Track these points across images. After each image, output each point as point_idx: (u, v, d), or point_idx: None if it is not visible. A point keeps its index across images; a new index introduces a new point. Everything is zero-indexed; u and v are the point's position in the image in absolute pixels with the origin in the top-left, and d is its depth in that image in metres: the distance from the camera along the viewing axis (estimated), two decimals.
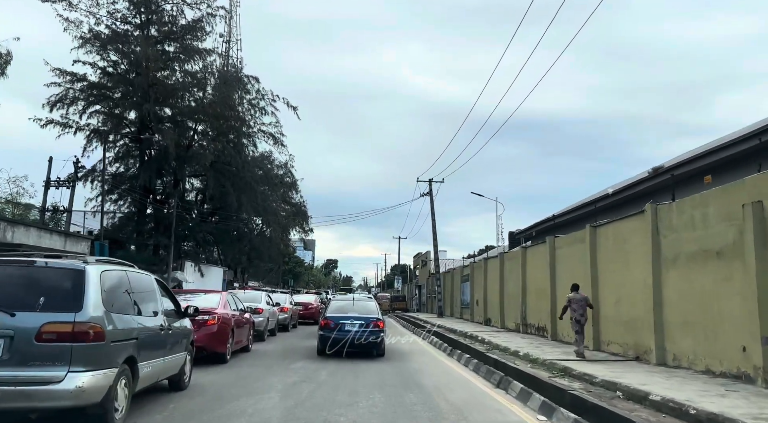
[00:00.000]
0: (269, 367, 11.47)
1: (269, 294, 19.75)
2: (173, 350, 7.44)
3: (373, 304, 16.25)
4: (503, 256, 23.80)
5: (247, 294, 18.17)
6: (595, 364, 11.77)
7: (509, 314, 22.68)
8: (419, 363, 13.26)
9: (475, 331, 21.51)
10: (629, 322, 12.82)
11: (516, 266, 21.55)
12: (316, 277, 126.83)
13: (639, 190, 16.07)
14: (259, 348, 15.33)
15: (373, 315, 14.92)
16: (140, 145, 34.09)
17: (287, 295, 24.67)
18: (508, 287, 22.98)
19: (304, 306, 28.30)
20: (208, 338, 10.91)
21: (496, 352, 15.01)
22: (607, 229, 14.23)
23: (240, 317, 13.07)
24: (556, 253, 17.63)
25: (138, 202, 34.80)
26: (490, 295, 25.83)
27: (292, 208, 54.57)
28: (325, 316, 14.97)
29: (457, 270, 35.38)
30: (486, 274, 26.65)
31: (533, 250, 19.86)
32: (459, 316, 33.43)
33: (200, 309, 11.09)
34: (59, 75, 31.50)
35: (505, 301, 23.36)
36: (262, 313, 16.92)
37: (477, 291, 28.54)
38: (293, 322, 25.30)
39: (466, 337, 19.82)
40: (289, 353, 14.60)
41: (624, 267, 13.21)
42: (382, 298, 55.32)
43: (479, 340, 18.21)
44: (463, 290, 32.58)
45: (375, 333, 14.32)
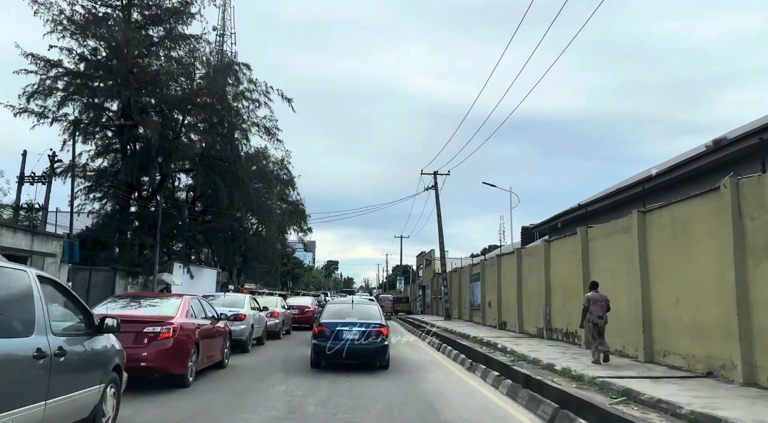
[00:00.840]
0: (243, 393, 8.88)
1: (255, 298, 17.16)
2: (74, 386, 4.88)
3: (375, 307, 13.73)
4: (521, 252, 21.20)
5: (228, 298, 15.59)
6: (660, 382, 9.18)
7: (529, 317, 20.08)
8: (435, 381, 10.66)
9: (491, 336, 18.93)
10: (697, 329, 10.22)
11: (537, 263, 18.96)
12: (316, 278, 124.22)
13: (692, 168, 13.47)
14: (238, 362, 12.74)
15: (375, 320, 12.46)
16: (121, 137, 31.51)
17: (278, 298, 22.08)
18: (527, 286, 20.39)
19: (299, 309, 25.71)
20: (160, 356, 8.34)
21: (524, 364, 12.46)
22: (660, 214, 11.64)
23: (210, 327, 10.49)
24: (589, 246, 15.04)
25: (121, 198, 32.20)
26: (505, 296, 23.24)
27: (289, 206, 51.97)
28: (319, 322, 12.54)
29: (466, 269, 32.75)
30: (500, 272, 24.05)
31: (559, 243, 17.27)
32: (468, 318, 30.81)
33: (152, 318, 8.54)
34: (33, 61, 28.95)
35: (523, 302, 20.77)
36: (244, 320, 14.36)
37: (489, 291, 25.95)
38: (286, 327, 22.75)
39: (482, 345, 17.23)
40: (274, 369, 12.02)
41: (686, 260, 10.63)
42: (384, 299, 52.66)
43: (500, 349, 15.62)
44: (473, 291, 29.97)
45: (378, 341, 11.97)
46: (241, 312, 14.40)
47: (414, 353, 16.19)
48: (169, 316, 8.88)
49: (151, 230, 33.15)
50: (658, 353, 11.57)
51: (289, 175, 50.34)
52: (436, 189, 33.36)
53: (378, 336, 12.03)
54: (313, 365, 12.32)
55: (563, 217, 21.28)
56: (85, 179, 33.51)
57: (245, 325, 14.39)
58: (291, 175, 50.33)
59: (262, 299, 21.76)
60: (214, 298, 15.94)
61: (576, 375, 10.23)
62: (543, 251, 18.17)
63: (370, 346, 11.93)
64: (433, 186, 33.57)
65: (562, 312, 16.70)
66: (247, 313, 14.68)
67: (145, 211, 34.00)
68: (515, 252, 21.44)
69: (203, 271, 43.15)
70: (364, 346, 11.91)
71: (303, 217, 52.60)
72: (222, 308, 14.36)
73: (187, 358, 8.94)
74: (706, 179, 12.56)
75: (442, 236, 33.55)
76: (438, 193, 33.23)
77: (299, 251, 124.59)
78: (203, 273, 42.67)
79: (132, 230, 34.36)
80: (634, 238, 12.30)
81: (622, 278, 13.18)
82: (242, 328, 14.27)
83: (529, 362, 12.90)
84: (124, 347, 8.27)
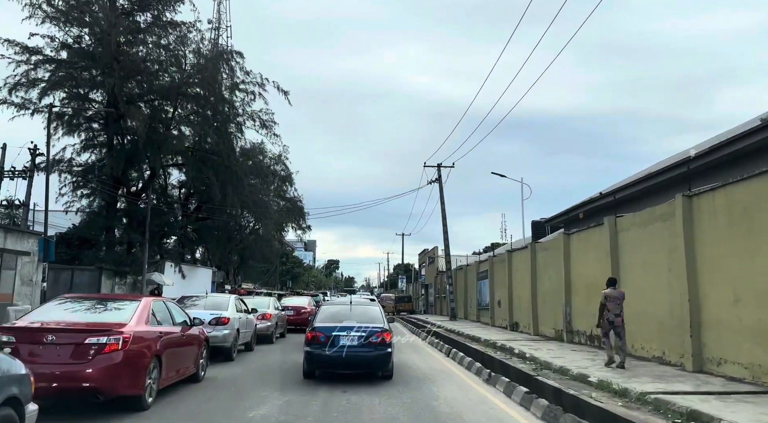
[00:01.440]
0: (210, 420, 7.13)
1: (242, 299, 15.41)
2: None
3: (377, 308, 12.01)
4: (535, 247, 19.43)
5: (211, 300, 13.83)
6: (729, 401, 7.43)
7: (545, 318, 18.33)
8: (450, 400, 8.89)
9: (504, 339, 17.17)
10: (764, 333, 8.47)
11: (555, 258, 17.21)
12: (316, 278, 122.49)
13: (739, 148, 11.69)
14: (218, 374, 11.00)
15: (376, 324, 10.80)
16: (107, 129, 29.78)
17: (271, 299, 20.33)
18: (543, 284, 18.63)
19: (295, 310, 23.96)
20: (106, 374, 6.60)
21: (550, 374, 10.72)
22: (712, 198, 9.87)
23: (179, 335, 8.75)
24: (619, 237, 13.28)
25: (107, 194, 30.47)
26: (517, 295, 21.49)
27: (287, 203, 50.15)
28: (313, 326, 10.86)
29: (472, 266, 30.97)
30: (511, 269, 22.29)
31: (582, 236, 15.50)
32: (476, 318, 29.05)
33: (98, 326, 6.82)
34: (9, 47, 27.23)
35: (538, 301, 19.01)
36: (228, 324, 12.62)
37: (499, 290, 24.19)
38: (280, 330, 21.02)
39: (496, 349, 15.48)
40: (259, 382, 10.28)
41: (748, 250, 8.88)
42: (386, 299, 50.90)
43: (517, 355, 13.87)
44: (480, 289, 28.21)
45: (380, 348, 10.35)
46: (224, 315, 12.65)
47: (420, 360, 14.44)
48: (120, 323, 7.12)
49: (140, 228, 31.45)
50: (710, 361, 9.81)
51: (286, 171, 48.58)
52: (440, 182, 31.61)
53: (380, 342, 10.38)
54: (305, 376, 10.63)
55: (581, 208, 19.49)
56: (71, 175, 31.84)
57: (229, 330, 12.65)
58: (289, 170, 48.59)
59: (253, 300, 20.05)
60: (198, 299, 14.21)
61: (619, 389, 8.48)
62: (562, 245, 16.41)
63: (371, 353, 10.28)
64: (437, 179, 31.80)
65: (585, 313, 14.91)
66: (231, 316, 12.94)
67: (134, 208, 32.31)
68: (529, 247, 19.68)
69: (197, 270, 41.40)
70: (364, 354, 10.27)
71: (301, 214, 50.82)
72: (202, 311, 12.67)
73: (143, 375, 7.19)
74: (751, 161, 10.84)
75: (446, 232, 31.80)
76: (442, 186, 31.51)
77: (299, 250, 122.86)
78: (197, 272, 40.92)
79: (120, 228, 32.66)
80: (678, 226, 10.54)
81: (660, 273, 11.43)
82: (225, 333, 12.53)
83: (554, 371, 11.15)
84: (61, 363, 6.60)
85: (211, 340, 12.24)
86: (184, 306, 12.96)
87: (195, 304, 13.45)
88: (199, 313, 12.74)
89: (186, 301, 13.43)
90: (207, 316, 12.50)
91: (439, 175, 31.66)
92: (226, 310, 13.01)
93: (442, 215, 31.65)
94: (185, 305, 13.08)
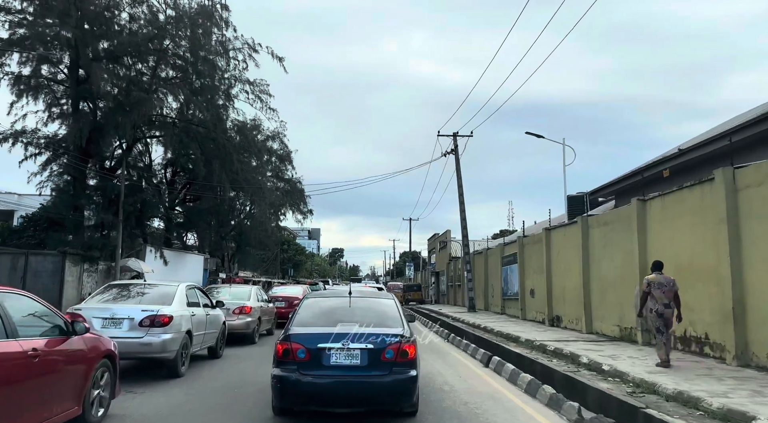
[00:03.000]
0: None
1: (200, 288, 11.30)
2: None
3: (391, 302, 7.66)
4: (587, 221, 15.25)
5: (150, 290, 9.64)
6: None
7: (604, 312, 14.22)
8: None
9: (552, 340, 13.11)
10: None
11: (621, 233, 13.07)
12: (320, 266, 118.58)
13: None
14: (141, 404, 6.98)
15: (392, 329, 6.60)
16: (71, 92, 25.66)
17: (254, 289, 16.28)
18: (599, 268, 14.51)
19: (287, 302, 19.90)
20: None
21: (666, 406, 6.75)
22: None
23: (26, 356, 4.64)
24: (739, 199, 9.12)
25: (73, 168, 26.43)
26: (558, 283, 17.39)
27: (285, 184, 45.91)
28: (287, 332, 6.60)
29: (495, 250, 26.79)
30: (549, 250, 18.15)
31: (670, 200, 11.29)
32: (499, 310, 24.96)
33: None
34: None
35: (592, 290, 14.91)
36: (169, 325, 8.56)
37: (532, 276, 20.08)
38: (267, 326, 17.07)
39: (549, 354, 11.44)
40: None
41: None
42: (394, 287, 46.79)
43: (586, 365, 9.81)
44: (506, 276, 24.09)
45: (399, 370, 6.23)
46: (164, 313, 8.57)
47: (450, 371, 10.38)
48: None
49: (114, 207, 27.47)
50: None
51: (285, 150, 44.26)
52: (456, 152, 27.35)
53: (398, 359, 6.23)
54: (276, 413, 6.60)
55: (646, 171, 15.15)
56: (34, 147, 27.79)
57: (172, 334, 8.59)
58: (287, 149, 44.27)
59: (230, 290, 16.07)
60: (131, 288, 10.06)
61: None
62: (636, 215, 12.23)
63: (384, 379, 6.14)
64: (453, 150, 27.58)
65: None
66: (176, 312, 8.87)
67: (108, 184, 28.21)
68: (579, 221, 15.50)
69: (185, 257, 37.40)
70: (371, 381, 6.15)
71: (301, 197, 46.40)
72: (133, 307, 8.70)
73: None
74: None
75: (464, 211, 27.62)
76: (458, 158, 27.24)
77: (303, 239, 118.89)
78: (185, 259, 36.92)
79: (91, 207, 28.66)
80: None
81: None
82: (165, 339, 8.48)
83: (670, 399, 7.10)
84: None
85: (143, 349, 8.24)
86: (103, 299, 8.94)
87: (124, 295, 9.39)
88: (126, 309, 8.73)
89: (111, 292, 9.38)
90: (137, 313, 8.47)
91: (456, 145, 27.43)
92: (169, 304, 8.92)
93: (459, 192, 27.48)
94: (107, 298, 9.07)
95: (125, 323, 8.58)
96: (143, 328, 8.45)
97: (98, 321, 8.63)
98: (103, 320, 8.67)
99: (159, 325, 8.45)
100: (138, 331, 8.51)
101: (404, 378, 6.18)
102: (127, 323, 8.58)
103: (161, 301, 8.99)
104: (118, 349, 6.58)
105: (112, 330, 8.46)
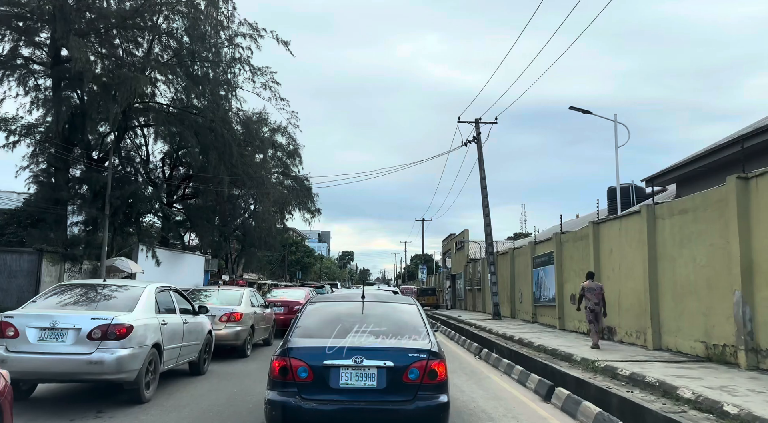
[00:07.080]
0: None
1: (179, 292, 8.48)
2: None
3: (413, 309, 5.72)
4: (655, 210, 12.31)
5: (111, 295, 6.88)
6: None
7: (679, 324, 11.28)
8: None
9: (618, 359, 10.20)
10: None
11: (710, 224, 10.16)
12: (329, 269, 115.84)
13: None
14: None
15: (415, 343, 4.67)
16: (50, 71, 23.16)
17: (246, 292, 13.49)
18: (673, 270, 11.58)
19: (286, 307, 17.17)
20: None
21: None
22: None
23: None
24: None
25: (54, 157, 23.95)
26: (612, 287, 14.40)
27: (292, 182, 43.20)
28: (286, 346, 4.68)
29: (524, 249, 23.81)
30: (599, 248, 15.23)
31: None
32: (530, 318, 22.00)
33: None
34: None
35: (661, 296, 11.97)
36: (127, 336, 5.88)
37: (575, 279, 17.13)
38: (263, 335, 14.38)
39: (630, 384, 8.51)
40: None
41: None
42: (407, 291, 43.83)
43: (708, 408, 6.91)
44: (538, 279, 21.14)
45: (426, 394, 4.65)
46: (122, 323, 5.89)
47: (494, 405, 7.54)
48: None
49: (99, 200, 24.95)
50: None
51: (294, 144, 41.65)
52: (478, 141, 24.47)
53: (425, 381, 4.53)
54: None
55: (709, 156, 12.14)
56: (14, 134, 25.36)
57: (130, 350, 5.93)
58: (296, 144, 41.62)
59: (219, 293, 13.36)
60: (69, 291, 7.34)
61: None
62: (733, 198, 9.31)
63: (406, 407, 4.60)
64: (475, 138, 24.72)
65: None
66: (140, 321, 6.20)
67: (94, 176, 25.68)
68: (642, 211, 12.56)
69: (183, 257, 34.81)
70: (390, 408, 4.45)
71: (309, 195, 43.61)
72: (69, 314, 6.04)
73: None
74: None
75: (487, 207, 24.72)
76: (481, 146, 24.35)
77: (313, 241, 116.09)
78: (182, 260, 34.33)
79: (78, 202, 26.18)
80: None
81: None
82: (120, 355, 5.75)
83: None
84: None
85: (92, 370, 5.66)
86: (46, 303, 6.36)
87: (75, 299, 6.82)
88: (72, 318, 6.15)
89: (60, 294, 6.72)
90: (85, 322, 5.92)
91: (478, 132, 24.57)
92: (131, 310, 6.24)
93: (482, 185, 24.60)
94: (52, 302, 6.44)
95: (69, 335, 6.27)
96: (93, 341, 6.16)
97: (34, 332, 6.31)
98: (40, 331, 6.32)
99: (114, 337, 6.10)
100: (86, 345, 6.20)
101: (433, 405, 4.68)
102: (71, 335, 6.26)
103: (120, 307, 6.54)
104: (57, 369, 5.88)
105: (51, 344, 6.22)
